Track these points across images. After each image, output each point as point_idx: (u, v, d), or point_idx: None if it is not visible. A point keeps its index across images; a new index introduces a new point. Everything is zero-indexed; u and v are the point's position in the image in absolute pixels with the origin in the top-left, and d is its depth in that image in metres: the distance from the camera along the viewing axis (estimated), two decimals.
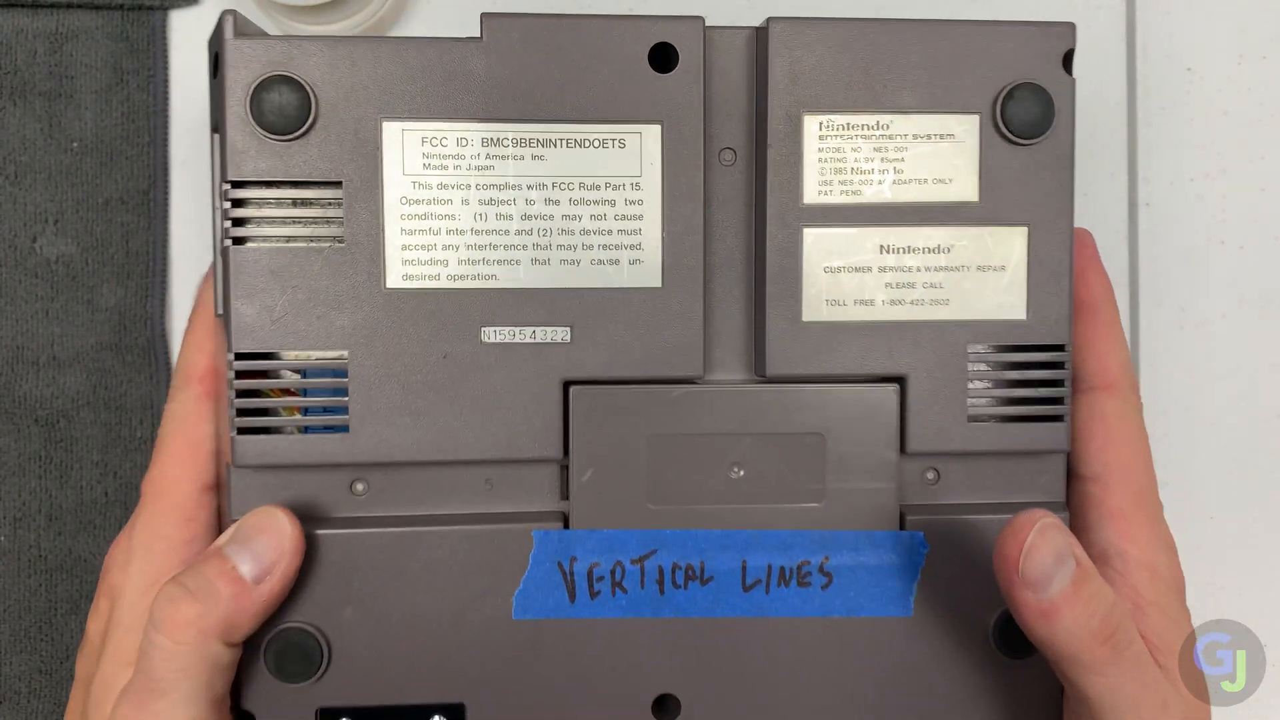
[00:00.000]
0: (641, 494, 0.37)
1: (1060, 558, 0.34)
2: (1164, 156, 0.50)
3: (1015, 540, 0.34)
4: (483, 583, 0.37)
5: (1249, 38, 0.50)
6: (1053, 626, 0.34)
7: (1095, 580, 0.35)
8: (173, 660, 0.33)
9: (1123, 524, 0.37)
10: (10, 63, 0.47)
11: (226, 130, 0.35)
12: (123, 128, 0.47)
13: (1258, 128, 0.50)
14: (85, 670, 0.38)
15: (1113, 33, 0.49)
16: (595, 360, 0.37)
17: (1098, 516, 0.38)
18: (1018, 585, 0.34)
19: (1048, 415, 0.38)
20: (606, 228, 0.36)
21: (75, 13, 0.47)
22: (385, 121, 0.35)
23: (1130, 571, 0.37)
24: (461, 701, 0.37)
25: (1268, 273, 0.50)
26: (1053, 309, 0.38)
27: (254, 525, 0.35)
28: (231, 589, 0.34)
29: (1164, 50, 0.49)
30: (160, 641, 0.33)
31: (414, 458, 0.36)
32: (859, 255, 0.37)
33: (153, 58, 0.47)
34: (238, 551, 0.34)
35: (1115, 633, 0.34)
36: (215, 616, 0.34)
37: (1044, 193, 0.37)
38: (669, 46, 0.36)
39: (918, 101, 0.37)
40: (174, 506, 0.37)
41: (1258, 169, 0.50)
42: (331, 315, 0.36)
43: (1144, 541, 0.38)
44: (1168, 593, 0.38)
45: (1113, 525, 0.37)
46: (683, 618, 0.37)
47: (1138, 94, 0.49)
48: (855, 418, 0.37)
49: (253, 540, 0.35)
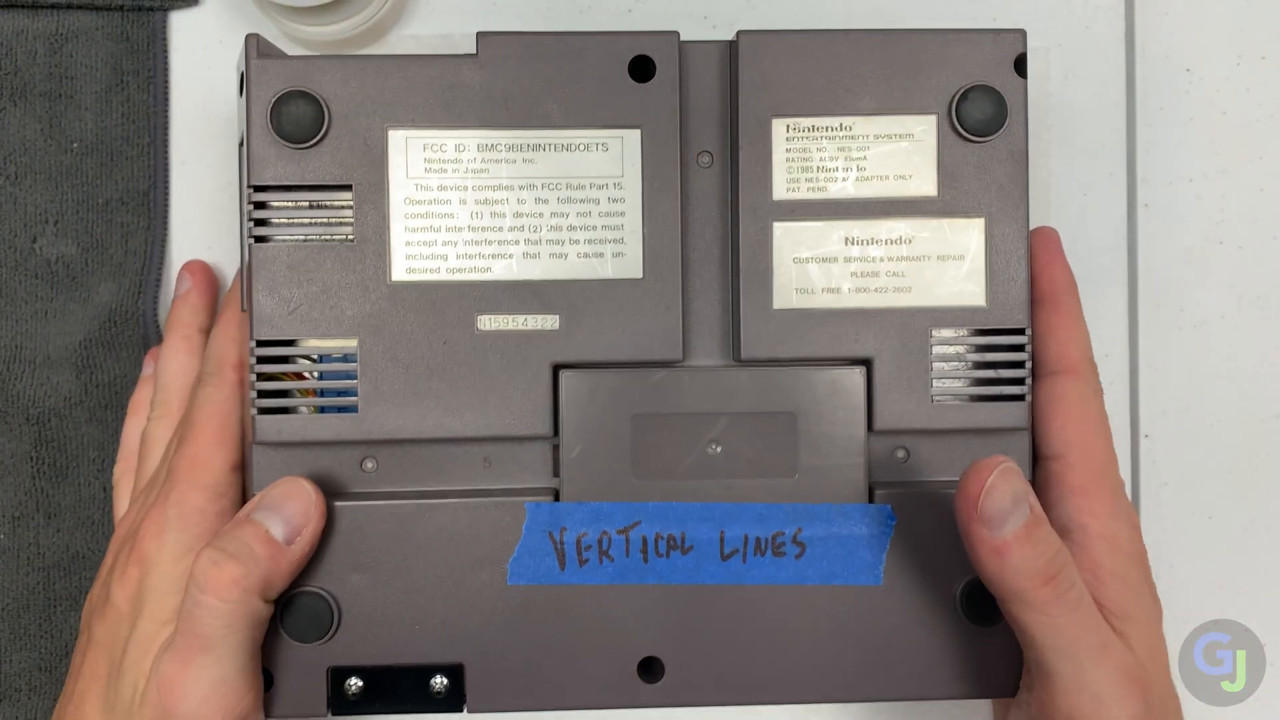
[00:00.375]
0: (626, 469, 0.50)
1: (1017, 500, 0.45)
2: (1163, 157, 0.60)
3: (977, 480, 0.45)
4: (480, 552, 0.49)
5: (1248, 38, 0.60)
6: (1002, 563, 0.45)
7: (1045, 526, 0.46)
8: (220, 617, 0.46)
9: (1083, 499, 0.49)
10: (11, 63, 0.57)
11: (250, 140, 0.48)
12: (123, 128, 0.58)
13: (1257, 128, 0.60)
14: (107, 632, 0.50)
15: (1112, 33, 0.60)
16: (582, 345, 0.49)
17: (1059, 493, 0.49)
18: (975, 521, 0.45)
19: (1008, 395, 0.50)
20: (592, 224, 0.49)
21: (75, 14, 0.58)
22: (391, 130, 0.49)
23: (1090, 544, 0.48)
24: (461, 662, 0.50)
25: (1267, 273, 0.60)
26: (1011, 295, 0.50)
27: (282, 493, 0.48)
28: (267, 550, 0.47)
29: (1163, 50, 0.59)
30: (206, 601, 0.46)
31: (417, 435, 0.49)
32: (826, 247, 0.50)
33: (153, 59, 0.58)
34: (268, 517, 0.47)
35: (1058, 575, 0.45)
36: (256, 575, 0.46)
37: (999, 186, 0.50)
38: (647, 59, 0.49)
39: (878, 104, 0.50)
40: (207, 484, 0.49)
41: (1257, 169, 0.60)
42: (343, 306, 0.49)
43: (1103, 515, 0.49)
44: (1127, 563, 0.49)
45: (1073, 500, 0.49)
46: (665, 584, 0.50)
47: (1137, 94, 0.59)
48: (825, 397, 0.50)
49: (282, 506, 0.47)
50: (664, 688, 0.50)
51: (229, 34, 0.59)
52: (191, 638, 0.46)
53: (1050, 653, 0.46)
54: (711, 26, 0.59)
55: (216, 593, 0.46)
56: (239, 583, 0.46)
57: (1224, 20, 0.60)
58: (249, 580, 0.46)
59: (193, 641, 0.46)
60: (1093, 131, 0.60)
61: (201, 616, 0.46)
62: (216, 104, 0.59)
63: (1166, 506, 0.60)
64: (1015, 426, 0.51)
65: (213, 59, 0.59)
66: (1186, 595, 0.60)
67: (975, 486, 0.45)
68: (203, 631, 0.46)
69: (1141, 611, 0.49)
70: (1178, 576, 0.60)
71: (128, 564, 0.50)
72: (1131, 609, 0.48)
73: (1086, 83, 0.60)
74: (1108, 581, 0.49)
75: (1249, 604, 0.61)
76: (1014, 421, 0.51)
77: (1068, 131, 0.60)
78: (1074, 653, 0.46)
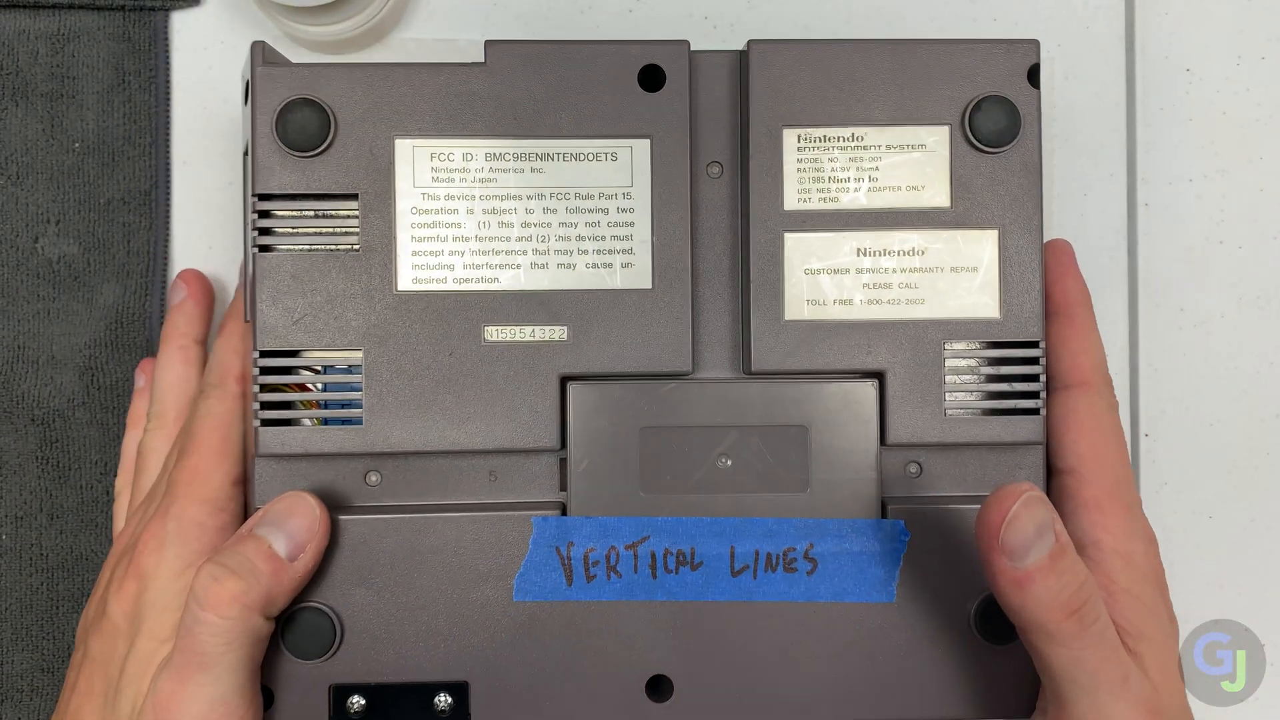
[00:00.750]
0: (635, 483, 0.49)
1: (1041, 530, 0.44)
2: (1163, 157, 0.60)
3: (999, 509, 0.44)
4: (486, 567, 0.49)
5: (1248, 38, 0.60)
6: (1024, 595, 0.44)
7: (1071, 555, 0.45)
8: (219, 634, 0.45)
9: (1097, 514, 0.48)
10: (12, 63, 0.58)
11: (255, 148, 0.47)
12: (124, 128, 0.58)
13: (1257, 128, 0.60)
14: (103, 648, 0.49)
15: (1112, 33, 0.60)
16: (591, 357, 0.49)
17: (1073, 508, 0.49)
18: (996, 552, 0.44)
19: (1022, 409, 0.49)
20: (600, 234, 0.49)
21: (77, 14, 0.58)
22: (398, 139, 0.48)
23: (1104, 559, 0.48)
24: (465, 680, 0.49)
25: (1267, 273, 0.60)
26: (1025, 307, 0.49)
27: (285, 507, 0.47)
28: (269, 566, 0.46)
29: (1163, 50, 0.60)
30: (205, 617, 0.45)
31: (422, 448, 0.48)
32: (837, 258, 0.49)
33: (154, 59, 0.58)
34: (271, 532, 0.46)
35: (1082, 607, 0.44)
36: (257, 592, 0.45)
37: (1013, 198, 0.49)
38: (657, 68, 0.48)
39: (890, 114, 0.49)
40: (208, 497, 0.48)
41: (1257, 169, 0.60)
42: (347, 316, 0.48)
43: (1118, 531, 0.48)
44: (1142, 581, 0.48)
45: (1087, 515, 0.48)
46: (674, 601, 0.49)
47: (1137, 94, 0.60)
48: (837, 411, 0.49)
49: (285, 521, 0.47)
50: (672, 707, 0.50)
51: (230, 34, 0.59)
52: (189, 655, 0.46)
53: (1069, 685, 0.45)
54: (712, 27, 0.58)
55: (216, 609, 0.45)
56: (239, 599, 0.45)
57: (1224, 20, 0.61)
58: (250, 596, 0.46)
59: (190, 659, 0.46)
60: (1093, 131, 0.60)
61: (200, 633, 0.45)
62: (218, 104, 0.59)
63: (1166, 506, 0.61)
64: (1029, 440, 0.50)
65: (214, 59, 0.59)
66: (1186, 595, 0.59)
67: (997, 516, 0.44)
68: (201, 649, 0.45)
69: (1157, 630, 0.48)
70: (1178, 576, 0.58)
71: (125, 578, 0.49)
72: (1146, 628, 0.48)
73: (1086, 83, 0.60)
74: (1122, 599, 0.48)
75: (1249, 604, 0.61)
76: (1028, 435, 0.50)
77: (1068, 131, 0.60)
78: (1093, 687, 0.45)
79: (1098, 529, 0.48)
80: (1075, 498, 0.49)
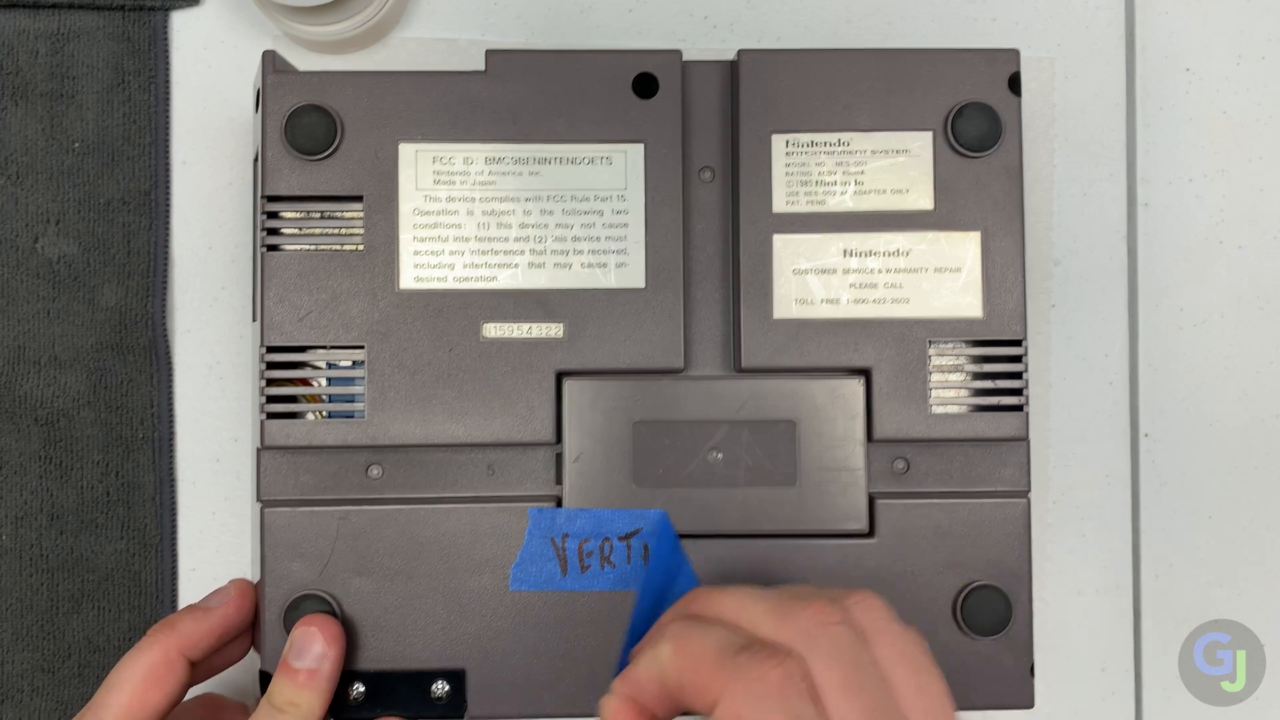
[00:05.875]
0: (628, 476, 0.55)
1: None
2: (1163, 156, 0.64)
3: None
4: (482, 557, 0.54)
5: (1248, 38, 0.64)
6: None
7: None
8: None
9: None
10: (12, 63, 0.61)
11: (265, 152, 0.54)
12: (124, 128, 0.62)
13: (1257, 128, 0.64)
14: None
15: (1112, 33, 0.64)
16: (586, 354, 0.55)
17: None
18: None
19: (1006, 405, 0.55)
20: (596, 235, 0.55)
21: (77, 13, 0.62)
22: (402, 143, 0.55)
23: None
24: (462, 667, 0.55)
25: (1267, 273, 0.64)
26: (1006, 307, 0.55)
27: (301, 634, 0.53)
28: (313, 681, 0.52)
29: (1163, 50, 0.64)
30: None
31: (422, 441, 0.54)
32: (825, 259, 0.55)
33: (154, 59, 0.62)
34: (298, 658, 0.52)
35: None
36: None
37: (995, 201, 0.55)
38: (650, 76, 0.55)
39: (875, 121, 0.55)
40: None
41: (1256, 169, 0.64)
42: (351, 313, 0.54)
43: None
44: None
45: None
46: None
47: (1137, 94, 0.64)
48: (824, 407, 0.55)
49: (304, 650, 0.52)
50: None
51: (230, 34, 0.63)
52: None
53: None
54: (712, 26, 0.64)
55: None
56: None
57: (1224, 20, 0.65)
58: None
59: None
60: (1093, 131, 0.64)
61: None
62: (217, 104, 0.63)
63: (1166, 506, 0.64)
64: (1013, 436, 0.56)
65: (214, 59, 0.63)
66: (1186, 595, 0.64)
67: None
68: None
69: None
70: (1178, 576, 0.64)
71: None
72: None
73: (1086, 83, 0.65)
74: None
75: (1249, 604, 0.65)
76: (1012, 431, 0.56)
77: (1068, 131, 0.64)
78: None
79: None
80: None
